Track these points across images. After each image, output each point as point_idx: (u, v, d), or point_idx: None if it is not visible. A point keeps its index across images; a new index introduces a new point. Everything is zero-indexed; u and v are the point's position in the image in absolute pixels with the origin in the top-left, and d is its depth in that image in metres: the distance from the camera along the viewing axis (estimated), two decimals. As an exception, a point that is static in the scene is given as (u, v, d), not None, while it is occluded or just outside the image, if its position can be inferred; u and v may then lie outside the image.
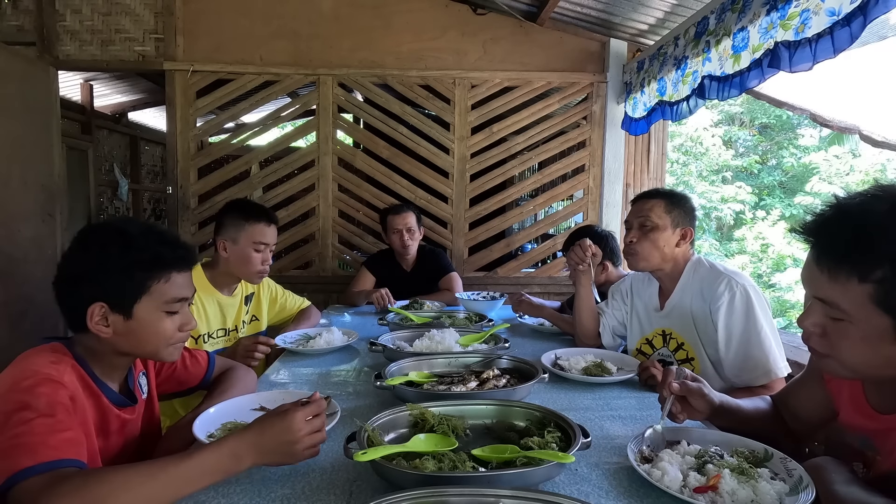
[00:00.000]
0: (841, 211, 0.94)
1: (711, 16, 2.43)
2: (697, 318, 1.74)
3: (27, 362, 1.03)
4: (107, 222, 1.21)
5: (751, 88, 2.28)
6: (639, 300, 1.98)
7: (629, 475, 1.06)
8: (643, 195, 1.90)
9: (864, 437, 1.07)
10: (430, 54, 3.61)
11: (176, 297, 1.17)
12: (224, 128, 4.35)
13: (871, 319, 0.90)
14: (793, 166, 12.32)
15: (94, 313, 1.09)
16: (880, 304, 0.88)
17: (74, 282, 1.11)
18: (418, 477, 0.92)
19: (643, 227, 1.81)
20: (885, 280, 0.87)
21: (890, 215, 0.89)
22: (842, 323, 0.94)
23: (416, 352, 1.73)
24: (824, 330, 0.98)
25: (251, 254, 2.04)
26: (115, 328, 1.11)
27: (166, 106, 3.56)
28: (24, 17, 3.42)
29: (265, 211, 2.11)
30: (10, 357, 1.05)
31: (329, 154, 3.66)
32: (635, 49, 3.58)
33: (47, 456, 0.87)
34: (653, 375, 1.58)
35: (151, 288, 1.13)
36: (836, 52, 1.76)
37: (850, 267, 0.90)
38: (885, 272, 0.87)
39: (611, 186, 3.72)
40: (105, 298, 1.10)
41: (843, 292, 0.91)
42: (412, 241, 2.95)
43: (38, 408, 0.93)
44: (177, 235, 1.23)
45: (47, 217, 3.32)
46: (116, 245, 1.11)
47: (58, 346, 1.11)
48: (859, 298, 0.90)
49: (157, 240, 1.16)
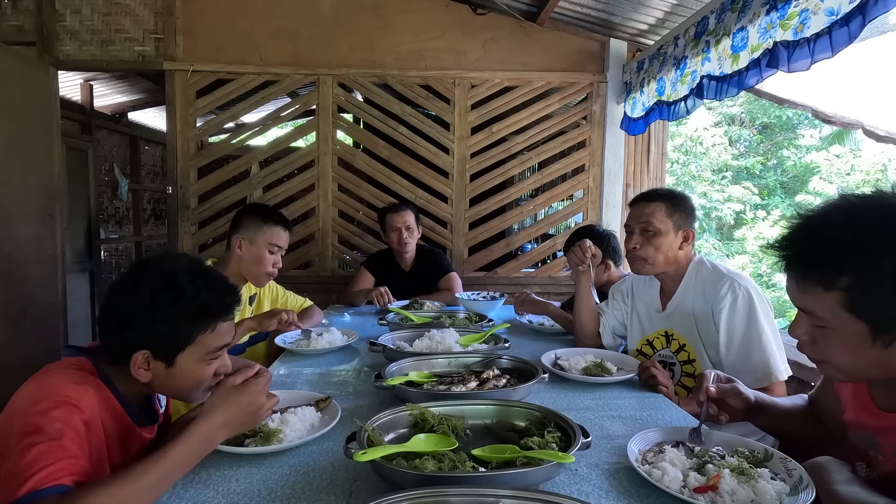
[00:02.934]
0: (803, 225, 0.99)
1: (711, 16, 2.43)
2: (699, 319, 1.74)
3: (49, 379, 1.03)
4: (157, 261, 1.16)
5: (748, 88, 2.28)
6: (640, 301, 1.98)
7: (629, 475, 1.06)
8: (642, 197, 1.87)
9: (869, 435, 1.07)
10: (430, 54, 3.61)
11: (219, 346, 1.16)
12: (224, 128, 4.35)
13: (848, 325, 0.93)
14: (793, 166, 12.32)
15: (137, 360, 1.08)
16: (851, 310, 0.92)
17: (122, 325, 1.09)
18: (418, 477, 0.92)
19: (645, 232, 1.79)
20: (851, 287, 0.91)
21: (846, 225, 0.92)
22: (825, 330, 0.97)
23: (416, 352, 1.73)
24: (813, 337, 1.01)
25: (265, 255, 2.13)
26: (154, 373, 1.11)
27: (166, 106, 3.56)
28: (24, 17, 3.41)
29: (283, 216, 2.23)
30: (10, 357, 1.05)
31: (329, 154, 3.66)
32: (635, 49, 3.58)
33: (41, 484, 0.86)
34: (653, 375, 1.58)
35: (197, 339, 1.11)
36: (833, 52, 1.76)
37: (815, 278, 0.95)
38: (849, 280, 0.91)
39: (611, 186, 3.72)
40: (150, 347, 1.09)
41: (817, 302, 0.96)
42: (411, 239, 2.96)
43: (50, 433, 0.92)
44: (224, 279, 1.18)
45: (47, 217, 3.32)
46: (168, 293, 1.08)
47: (84, 363, 1.10)
48: (831, 306, 0.94)
49: (205, 287, 1.12)
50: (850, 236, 0.91)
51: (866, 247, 0.89)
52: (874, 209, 0.92)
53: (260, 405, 1.08)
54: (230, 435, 1.07)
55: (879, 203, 0.93)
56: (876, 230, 0.89)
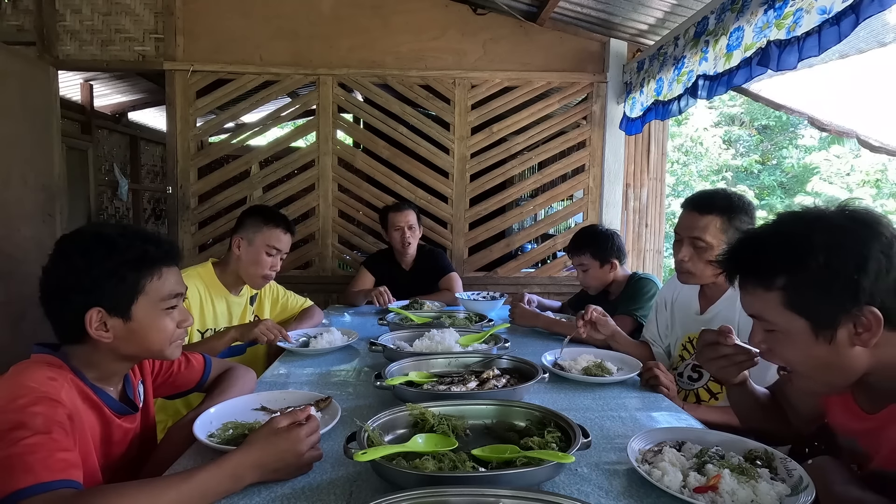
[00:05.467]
0: (742, 238, 1.12)
1: (711, 16, 2.43)
2: (742, 330, 1.62)
3: (23, 377, 1.01)
4: (80, 230, 1.15)
5: (737, 86, 2.28)
6: (678, 303, 1.93)
7: (629, 475, 1.06)
8: (696, 207, 1.72)
9: (852, 440, 1.08)
10: (430, 54, 3.61)
11: (171, 292, 1.17)
12: (224, 128, 4.35)
13: (791, 323, 1.00)
14: (793, 166, 12.31)
15: (92, 319, 1.07)
16: (791, 307, 0.99)
17: (65, 292, 1.08)
18: (418, 477, 0.91)
19: (696, 246, 1.70)
20: (788, 286, 0.99)
21: (776, 231, 1.04)
22: (775, 333, 1.04)
23: (416, 352, 1.73)
24: (769, 344, 1.07)
25: (263, 256, 2.11)
26: (115, 332, 1.10)
27: (166, 106, 3.56)
28: (24, 17, 3.41)
29: (285, 219, 2.20)
30: (9, 357, 1.05)
31: (329, 154, 3.66)
32: (635, 49, 3.58)
33: (44, 476, 0.85)
34: (655, 376, 1.57)
35: (146, 287, 1.12)
36: (821, 51, 1.75)
37: (754, 279, 1.04)
38: (786, 279, 0.99)
39: (611, 186, 3.72)
40: (100, 303, 1.08)
41: (762, 304, 1.03)
42: (413, 238, 2.97)
43: (35, 427, 0.91)
44: (157, 232, 1.21)
45: (47, 217, 3.32)
46: (100, 249, 1.09)
47: (53, 360, 1.09)
48: (773, 306, 1.01)
49: (139, 238, 1.14)
50: (782, 240, 1.01)
51: (796, 246, 0.98)
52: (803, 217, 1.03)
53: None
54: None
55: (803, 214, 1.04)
56: (805, 234, 0.98)
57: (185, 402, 1.83)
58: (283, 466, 1.00)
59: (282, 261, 2.20)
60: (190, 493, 0.90)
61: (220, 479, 0.94)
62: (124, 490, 0.87)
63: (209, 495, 0.92)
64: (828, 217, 0.99)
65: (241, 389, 1.43)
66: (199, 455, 1.12)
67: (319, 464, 1.08)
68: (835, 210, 1.00)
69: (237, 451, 0.98)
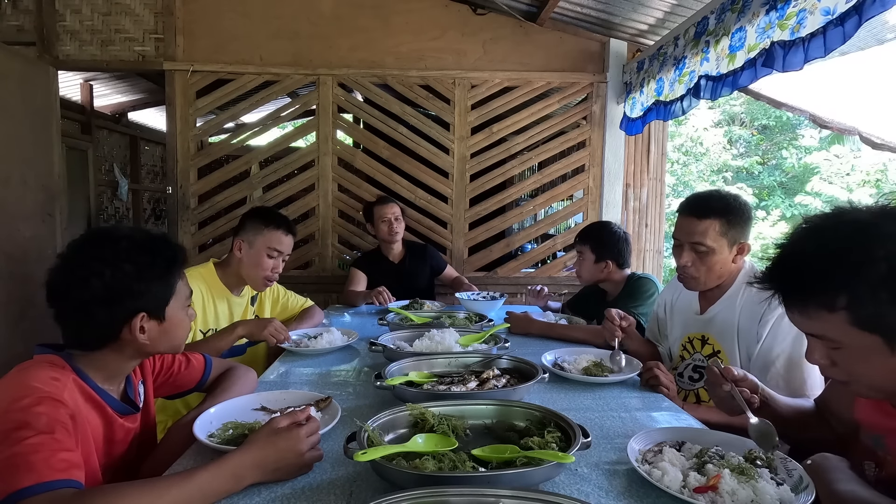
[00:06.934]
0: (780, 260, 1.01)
1: (711, 16, 2.43)
2: (742, 330, 1.66)
3: (26, 377, 1.01)
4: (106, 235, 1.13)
5: (743, 87, 2.28)
6: (679, 303, 1.92)
7: (629, 475, 1.06)
8: (693, 211, 1.70)
9: (879, 436, 1.07)
10: (430, 54, 3.61)
11: (190, 291, 1.24)
12: (224, 128, 4.35)
13: (861, 340, 0.92)
14: (793, 167, 12.30)
15: (136, 323, 1.11)
16: (860, 325, 0.91)
17: (113, 299, 1.08)
18: (418, 477, 0.91)
19: (696, 251, 1.68)
20: (851, 304, 0.91)
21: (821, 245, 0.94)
22: (841, 350, 0.96)
23: (416, 352, 1.73)
24: (831, 360, 0.99)
25: (263, 258, 2.11)
26: (149, 334, 1.13)
27: (166, 106, 3.56)
28: (24, 17, 3.41)
29: (286, 221, 2.19)
30: (9, 357, 1.05)
31: (329, 154, 3.66)
32: (635, 49, 3.58)
33: (47, 476, 0.85)
34: (656, 376, 1.57)
35: (176, 287, 1.18)
36: (826, 52, 1.75)
37: (815, 304, 0.95)
38: (847, 298, 0.91)
39: (611, 186, 3.72)
40: (147, 307, 1.12)
41: (824, 325, 0.95)
42: (399, 228, 3.12)
43: (38, 427, 0.91)
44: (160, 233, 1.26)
45: (47, 217, 3.32)
46: (144, 255, 1.12)
47: (56, 360, 1.09)
48: (840, 326, 0.93)
49: (163, 240, 1.19)
50: (835, 256, 0.92)
51: (853, 262, 0.90)
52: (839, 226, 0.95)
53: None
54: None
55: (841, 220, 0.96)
56: (859, 246, 0.90)
57: (184, 402, 1.83)
58: (284, 466, 1.01)
59: (284, 262, 2.19)
60: (190, 493, 0.90)
61: (221, 480, 0.94)
62: (125, 490, 0.87)
63: (209, 495, 0.93)
64: (874, 223, 0.92)
65: (241, 389, 1.43)
66: (199, 455, 1.12)
67: (319, 464, 1.08)
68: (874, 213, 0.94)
69: (237, 452, 0.98)
